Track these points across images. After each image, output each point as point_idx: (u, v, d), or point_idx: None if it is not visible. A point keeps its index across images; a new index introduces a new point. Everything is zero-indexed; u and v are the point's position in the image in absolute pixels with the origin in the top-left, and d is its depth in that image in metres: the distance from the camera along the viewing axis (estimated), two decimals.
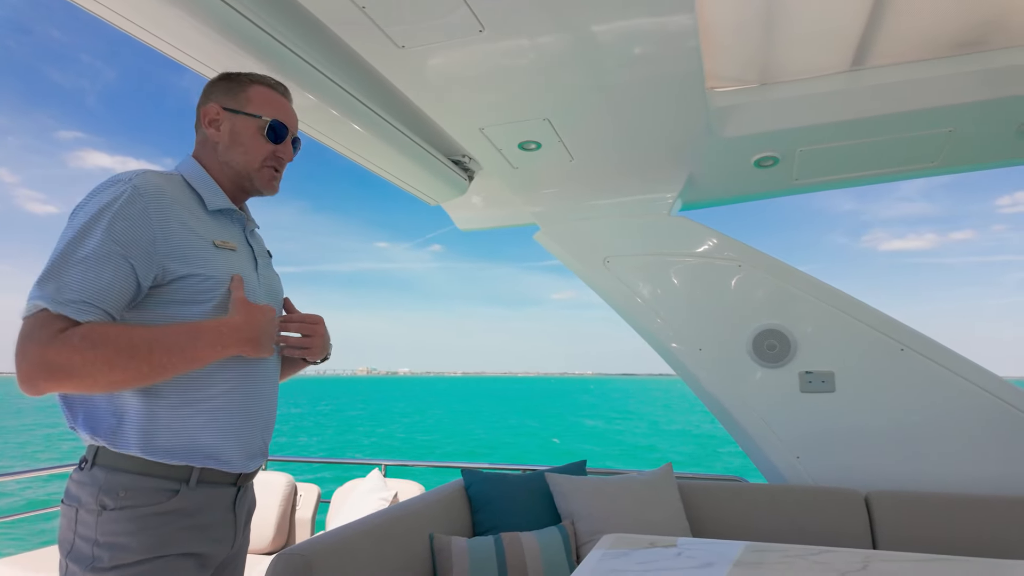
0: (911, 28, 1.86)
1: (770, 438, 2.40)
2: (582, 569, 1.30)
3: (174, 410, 1.06)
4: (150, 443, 1.03)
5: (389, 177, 2.56)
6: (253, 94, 1.24)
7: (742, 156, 2.38)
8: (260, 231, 1.39)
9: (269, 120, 1.23)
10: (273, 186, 1.28)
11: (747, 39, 1.93)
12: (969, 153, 2.30)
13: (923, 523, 2.06)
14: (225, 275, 1.13)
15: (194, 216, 1.14)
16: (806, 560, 1.35)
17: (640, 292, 2.61)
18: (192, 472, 1.07)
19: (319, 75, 1.79)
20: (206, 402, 1.09)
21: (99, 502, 1.01)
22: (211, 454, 1.09)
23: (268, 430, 1.23)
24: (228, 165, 1.22)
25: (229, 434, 1.12)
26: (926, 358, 2.23)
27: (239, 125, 1.22)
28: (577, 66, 1.75)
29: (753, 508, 2.27)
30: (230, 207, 1.22)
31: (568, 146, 2.24)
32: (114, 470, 1.02)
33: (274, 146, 1.24)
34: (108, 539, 1.00)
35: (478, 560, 1.84)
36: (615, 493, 2.23)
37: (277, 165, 1.27)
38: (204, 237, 1.13)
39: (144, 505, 1.02)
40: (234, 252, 1.18)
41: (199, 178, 1.20)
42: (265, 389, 1.21)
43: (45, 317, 0.94)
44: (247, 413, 1.15)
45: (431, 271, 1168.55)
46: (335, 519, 2.94)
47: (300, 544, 1.48)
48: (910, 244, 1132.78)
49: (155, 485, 1.04)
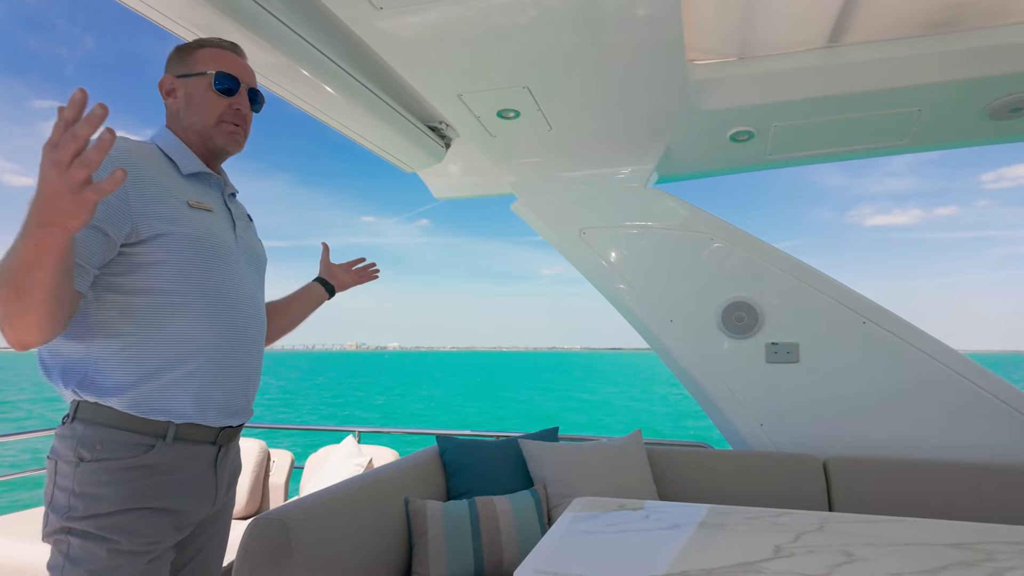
0: (887, 6, 1.88)
1: (735, 406, 2.48)
2: (554, 531, 1.34)
3: (151, 361, 1.07)
4: (125, 395, 1.05)
5: (365, 143, 2.51)
6: (200, 55, 1.24)
7: (719, 130, 2.40)
8: (242, 199, 1.38)
9: (214, 73, 1.22)
10: (235, 140, 1.26)
11: (728, 12, 1.92)
12: (938, 132, 2.36)
13: (877, 487, 2.17)
14: (200, 233, 1.13)
15: (169, 179, 1.14)
16: (765, 521, 1.42)
17: (614, 263, 2.64)
18: (169, 428, 1.08)
19: (293, 35, 1.74)
20: (181, 356, 1.10)
21: (77, 454, 1.03)
22: (186, 410, 1.10)
23: (251, 386, 1.24)
24: (191, 129, 1.23)
25: (206, 389, 1.13)
26: (886, 330, 2.32)
27: (191, 87, 1.23)
28: (559, 33, 1.73)
29: (717, 473, 2.36)
30: (205, 171, 1.23)
31: (547, 115, 2.23)
32: (92, 424, 1.05)
33: (228, 99, 1.24)
34: (84, 489, 1.02)
35: (452, 523, 1.88)
36: (586, 458, 2.29)
37: (235, 119, 1.25)
38: (179, 198, 1.14)
39: (120, 458, 1.04)
40: (210, 213, 1.20)
41: (172, 144, 1.21)
42: (248, 344, 1.22)
43: None
44: (226, 368, 1.16)
45: (420, 246, 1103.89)
46: (308, 485, 2.96)
47: (277, 508, 1.49)
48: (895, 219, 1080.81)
49: (132, 440, 1.05)
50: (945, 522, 1.42)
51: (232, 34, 1.64)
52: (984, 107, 2.14)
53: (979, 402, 2.21)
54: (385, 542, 1.78)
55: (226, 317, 1.17)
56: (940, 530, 1.35)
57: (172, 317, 1.10)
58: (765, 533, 1.32)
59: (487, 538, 1.90)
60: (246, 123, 1.29)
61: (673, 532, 1.34)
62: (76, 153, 0.79)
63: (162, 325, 1.09)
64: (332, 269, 1.72)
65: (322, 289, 1.66)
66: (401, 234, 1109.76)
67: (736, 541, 1.27)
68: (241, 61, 1.29)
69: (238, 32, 1.63)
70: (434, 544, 1.82)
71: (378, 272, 1.78)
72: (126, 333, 1.07)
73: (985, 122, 2.24)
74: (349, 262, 1.77)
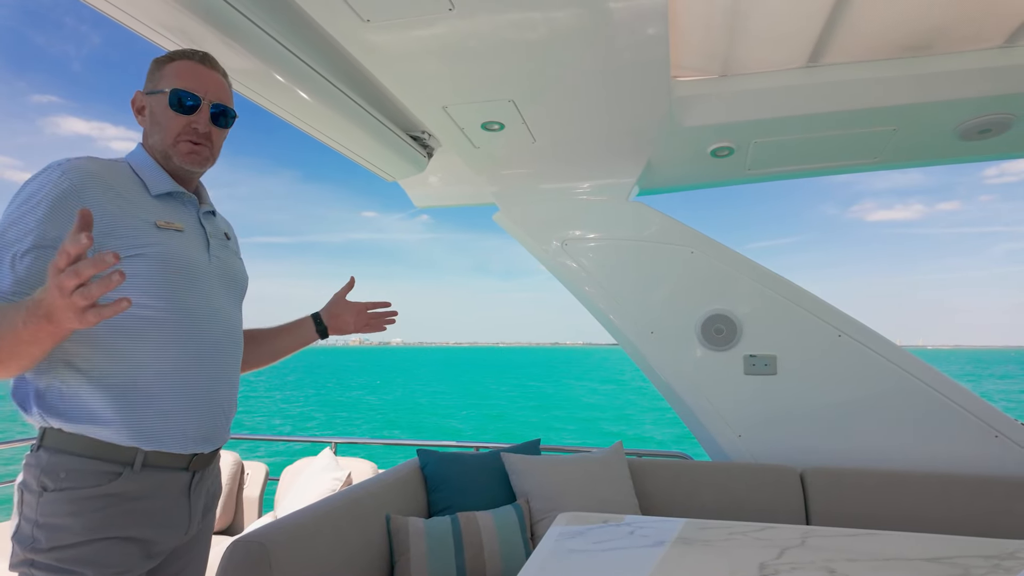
0: (866, 28, 1.93)
1: (714, 417, 2.51)
2: (540, 550, 1.33)
3: (116, 388, 1.04)
4: (90, 423, 1.03)
5: (345, 151, 2.48)
6: (168, 70, 1.19)
7: (700, 145, 2.43)
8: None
9: (170, 90, 1.17)
10: (193, 160, 1.20)
11: (712, 31, 1.95)
12: (911, 151, 2.43)
13: (852, 497, 2.21)
14: (167, 253, 1.10)
15: (136, 198, 1.12)
16: (748, 536, 1.43)
17: (596, 275, 2.66)
18: (137, 454, 1.05)
19: (269, 39, 1.72)
20: (153, 380, 1.07)
21: (40, 483, 1.01)
22: (154, 436, 1.06)
23: (224, 411, 1.20)
24: (153, 147, 1.20)
25: (175, 414, 1.09)
26: (860, 344, 2.38)
27: (153, 104, 1.19)
28: (547, 47, 1.73)
29: (697, 484, 2.38)
30: (177, 190, 1.19)
31: (531, 128, 2.23)
32: (58, 452, 1.02)
33: (186, 117, 1.18)
34: (47, 520, 0.99)
35: (435, 540, 1.86)
36: (568, 471, 2.29)
37: (194, 137, 1.19)
38: (146, 219, 1.11)
39: (84, 487, 1.01)
40: (180, 232, 1.16)
41: (143, 163, 1.18)
42: (219, 368, 1.17)
43: None
44: (196, 392, 1.12)
45: (422, 242, 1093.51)
46: (284, 498, 2.90)
47: (255, 530, 1.45)
48: (897, 214, 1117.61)
49: (98, 468, 1.02)
50: (922, 536, 1.45)
51: (207, 38, 1.61)
52: (955, 128, 2.21)
53: (950, 414, 2.27)
54: (367, 560, 1.75)
55: (196, 339, 1.13)
56: (917, 544, 1.38)
57: (137, 340, 1.06)
58: (749, 549, 1.33)
59: (470, 554, 1.88)
60: (209, 140, 1.22)
61: (659, 549, 1.35)
62: (79, 286, 0.80)
63: (126, 349, 1.05)
64: (338, 307, 1.57)
65: (313, 328, 1.54)
66: (403, 230, 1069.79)
67: (721, 558, 1.27)
68: (208, 73, 1.22)
69: (212, 36, 1.60)
70: (416, 562, 1.80)
71: (393, 321, 1.62)
72: (88, 357, 1.03)
73: (956, 142, 2.31)
74: (367, 303, 1.59)
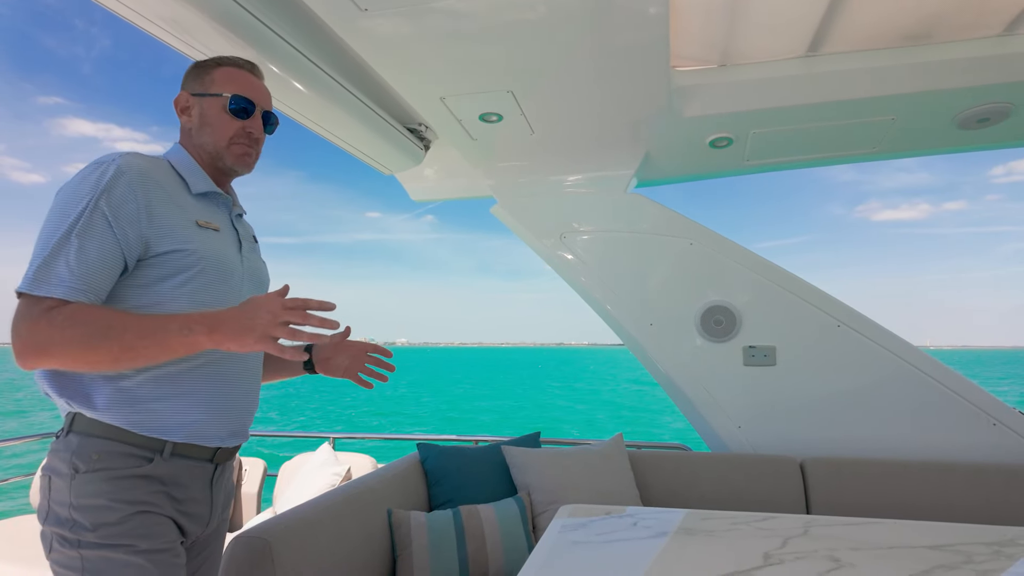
0: (865, 17, 1.92)
1: (714, 409, 2.51)
2: (543, 543, 1.33)
3: (146, 383, 1.06)
4: (121, 413, 1.04)
5: (341, 143, 2.46)
6: (218, 75, 1.25)
7: (698, 136, 2.42)
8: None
9: (229, 97, 1.23)
10: (245, 162, 1.27)
11: (711, 20, 1.94)
12: (910, 141, 2.43)
13: (852, 486, 2.22)
14: (206, 252, 1.13)
15: (178, 197, 1.15)
16: (751, 526, 1.43)
17: (594, 267, 2.65)
18: (166, 445, 1.07)
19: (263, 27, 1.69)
20: (180, 375, 1.09)
21: (72, 466, 1.01)
22: (185, 429, 1.09)
23: (248, 408, 1.23)
24: (202, 148, 1.24)
25: (204, 410, 1.11)
26: (860, 334, 2.38)
27: (206, 107, 1.24)
28: (546, 37, 1.71)
29: (697, 475, 2.38)
30: (215, 190, 1.24)
31: (530, 119, 2.21)
32: (88, 436, 1.02)
33: (241, 122, 1.25)
34: (83, 500, 0.99)
35: (437, 534, 1.86)
36: (569, 464, 2.29)
37: (247, 141, 1.26)
38: (188, 217, 1.14)
39: (117, 468, 1.02)
40: (217, 233, 1.20)
41: (184, 163, 1.22)
42: (247, 364, 1.22)
43: (36, 296, 0.97)
44: (226, 389, 1.15)
45: (427, 242, 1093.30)
46: (283, 494, 2.89)
47: (257, 526, 1.44)
48: (903, 214, 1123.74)
49: (130, 451, 1.03)
50: (924, 523, 1.45)
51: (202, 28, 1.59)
52: (953, 117, 2.21)
53: (948, 403, 2.28)
54: (368, 555, 1.75)
55: None
56: (919, 532, 1.38)
57: None
58: (752, 539, 1.33)
59: (472, 547, 1.88)
60: (258, 145, 1.30)
61: (662, 540, 1.34)
62: (293, 322, 0.97)
63: None
64: (330, 351, 1.44)
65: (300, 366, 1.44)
66: (408, 230, 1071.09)
67: (725, 548, 1.27)
68: (258, 82, 1.30)
69: (207, 25, 1.58)
70: (419, 556, 1.79)
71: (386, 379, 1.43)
72: None
73: (955, 132, 2.31)
74: (367, 345, 1.45)
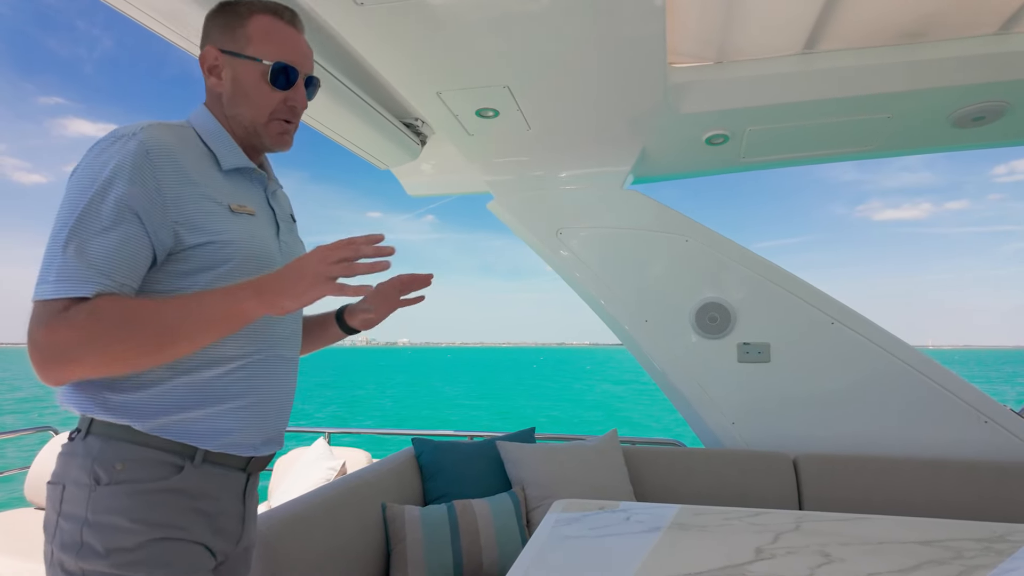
0: (861, 15, 1.92)
1: (708, 405, 2.53)
2: (537, 537, 1.33)
3: (178, 388, 0.92)
4: (150, 418, 0.90)
5: (337, 138, 2.46)
6: (253, 29, 1.03)
7: (695, 132, 2.42)
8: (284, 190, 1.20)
9: (271, 64, 1.02)
10: (284, 140, 1.09)
11: (708, 17, 1.94)
12: (905, 139, 2.43)
13: (844, 483, 2.24)
14: (241, 243, 0.97)
15: (208, 178, 0.98)
16: (743, 522, 1.44)
17: (591, 264, 2.65)
18: (197, 452, 0.93)
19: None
20: (214, 381, 0.96)
21: (92, 475, 0.86)
22: (219, 437, 0.95)
23: (284, 413, 1.09)
24: (236, 120, 1.05)
25: (240, 417, 0.98)
26: (853, 331, 2.39)
27: (240, 72, 1.03)
28: (543, 33, 1.71)
29: (691, 471, 2.40)
30: (248, 165, 1.06)
31: (526, 115, 2.21)
32: (111, 439, 0.88)
33: (283, 93, 1.05)
34: (101, 518, 0.84)
35: (431, 528, 1.86)
36: (563, 459, 2.29)
37: (289, 116, 1.07)
38: (220, 202, 0.98)
39: (144, 480, 0.87)
40: (253, 217, 1.03)
41: (212, 131, 1.03)
42: (285, 366, 1.07)
43: (50, 300, 0.82)
44: (263, 392, 1.02)
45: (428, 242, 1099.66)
46: (278, 488, 2.89)
47: None
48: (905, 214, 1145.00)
49: (158, 458, 0.89)
50: (915, 519, 1.46)
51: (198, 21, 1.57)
52: (949, 115, 2.21)
53: (941, 401, 2.30)
54: (363, 549, 1.75)
55: (266, 337, 1.02)
56: (910, 528, 1.40)
57: None
58: (744, 534, 1.34)
59: (467, 541, 1.88)
60: (298, 118, 1.10)
61: (654, 535, 1.35)
62: (345, 258, 0.87)
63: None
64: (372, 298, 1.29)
65: (337, 329, 1.32)
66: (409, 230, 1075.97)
67: (717, 543, 1.28)
68: (301, 39, 1.08)
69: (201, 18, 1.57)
70: (413, 550, 1.80)
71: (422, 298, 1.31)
72: None
73: (950, 130, 2.32)
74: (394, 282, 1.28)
